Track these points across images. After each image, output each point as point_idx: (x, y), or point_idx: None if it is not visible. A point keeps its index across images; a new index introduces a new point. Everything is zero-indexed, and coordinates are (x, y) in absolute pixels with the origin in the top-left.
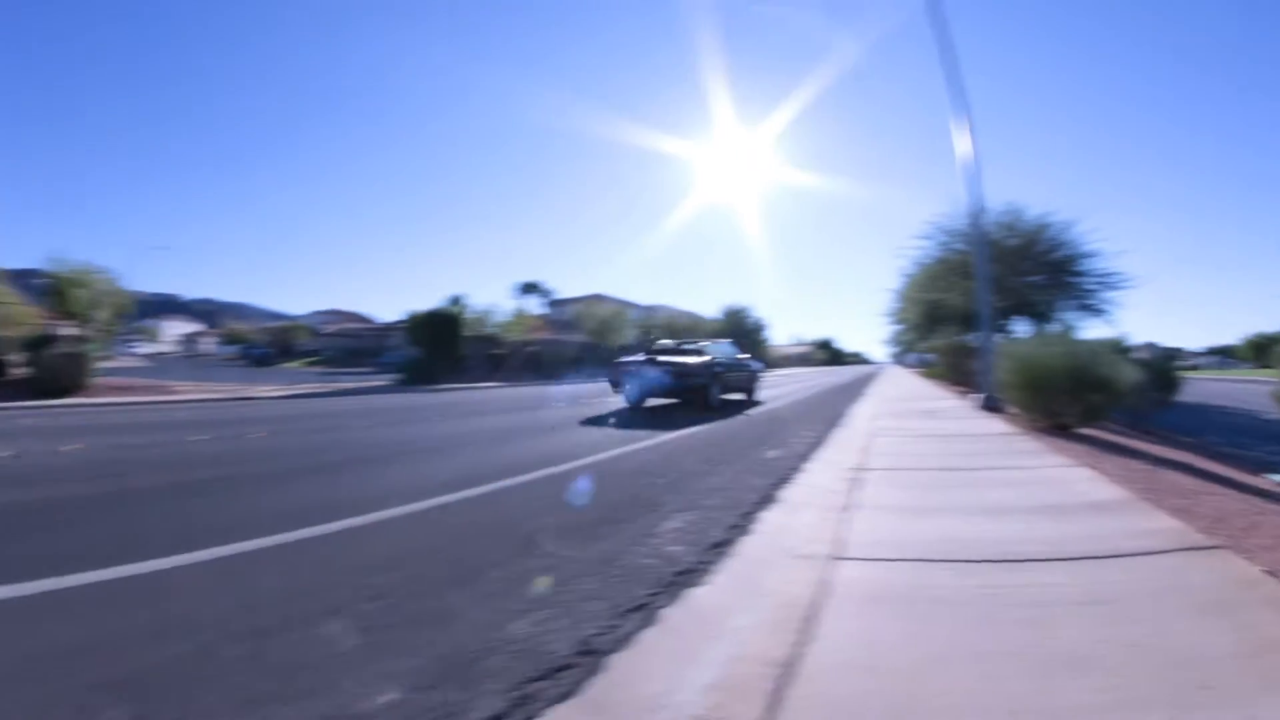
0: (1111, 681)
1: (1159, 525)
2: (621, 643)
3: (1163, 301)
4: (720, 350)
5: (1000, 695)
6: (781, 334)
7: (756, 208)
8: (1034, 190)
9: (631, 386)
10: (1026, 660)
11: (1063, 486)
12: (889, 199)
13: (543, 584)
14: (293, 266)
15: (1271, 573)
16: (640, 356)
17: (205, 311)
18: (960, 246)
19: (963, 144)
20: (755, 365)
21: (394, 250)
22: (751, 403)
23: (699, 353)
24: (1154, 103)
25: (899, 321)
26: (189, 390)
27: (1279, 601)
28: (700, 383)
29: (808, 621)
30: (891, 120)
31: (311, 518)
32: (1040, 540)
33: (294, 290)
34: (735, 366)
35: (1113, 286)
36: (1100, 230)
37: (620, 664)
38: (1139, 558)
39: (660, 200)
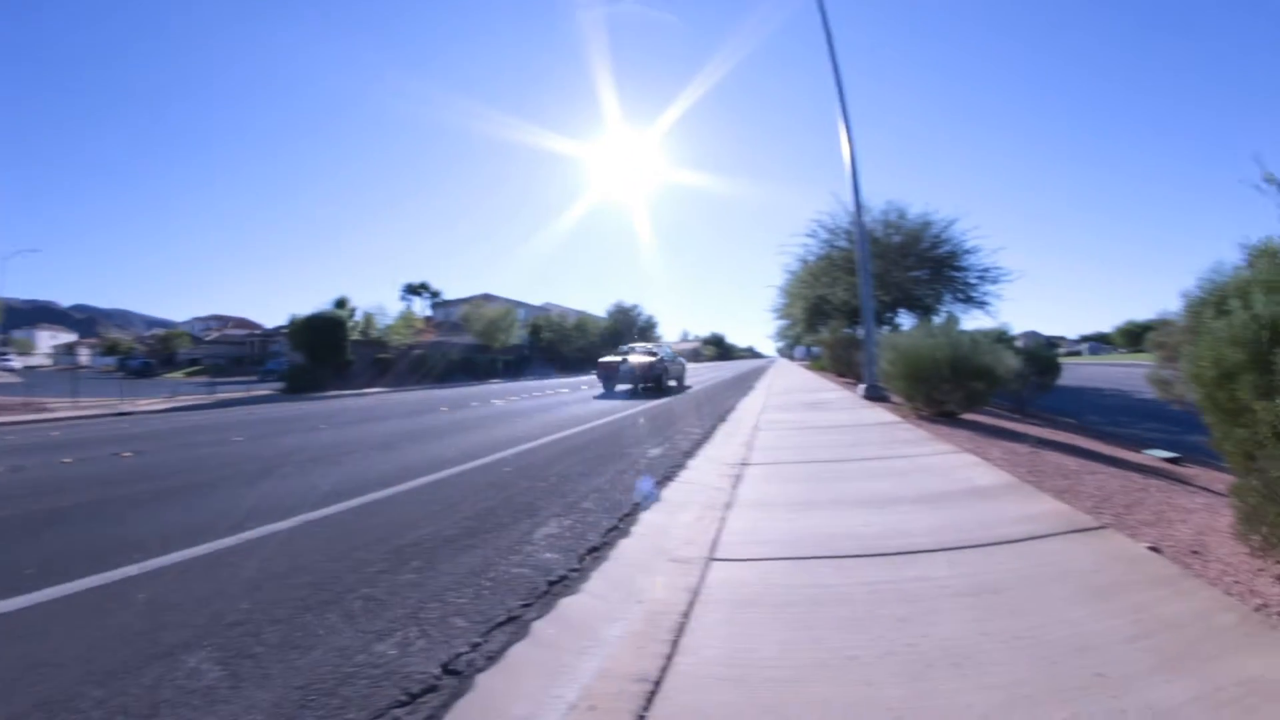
0: (1000, 679)
1: (1043, 508)
2: (491, 660)
3: (1044, 293)
4: (665, 351)
5: (878, 702)
6: (672, 331)
7: (646, 207)
8: (918, 190)
9: (615, 378)
10: (908, 660)
11: (945, 474)
12: (777, 197)
13: (411, 599)
14: (174, 271)
15: (1155, 549)
16: (619, 358)
17: (83, 320)
18: (844, 244)
19: (844, 145)
20: (683, 361)
21: (280, 253)
22: (681, 389)
23: (652, 354)
24: (1034, 104)
25: (785, 316)
26: (63, 407)
27: (1164, 578)
28: (657, 373)
29: (679, 630)
30: (778, 122)
31: (172, 544)
32: (922, 531)
33: (176, 296)
34: (674, 362)
35: (993, 280)
36: (981, 227)
37: (487, 684)
38: (1024, 543)
39: (551, 200)
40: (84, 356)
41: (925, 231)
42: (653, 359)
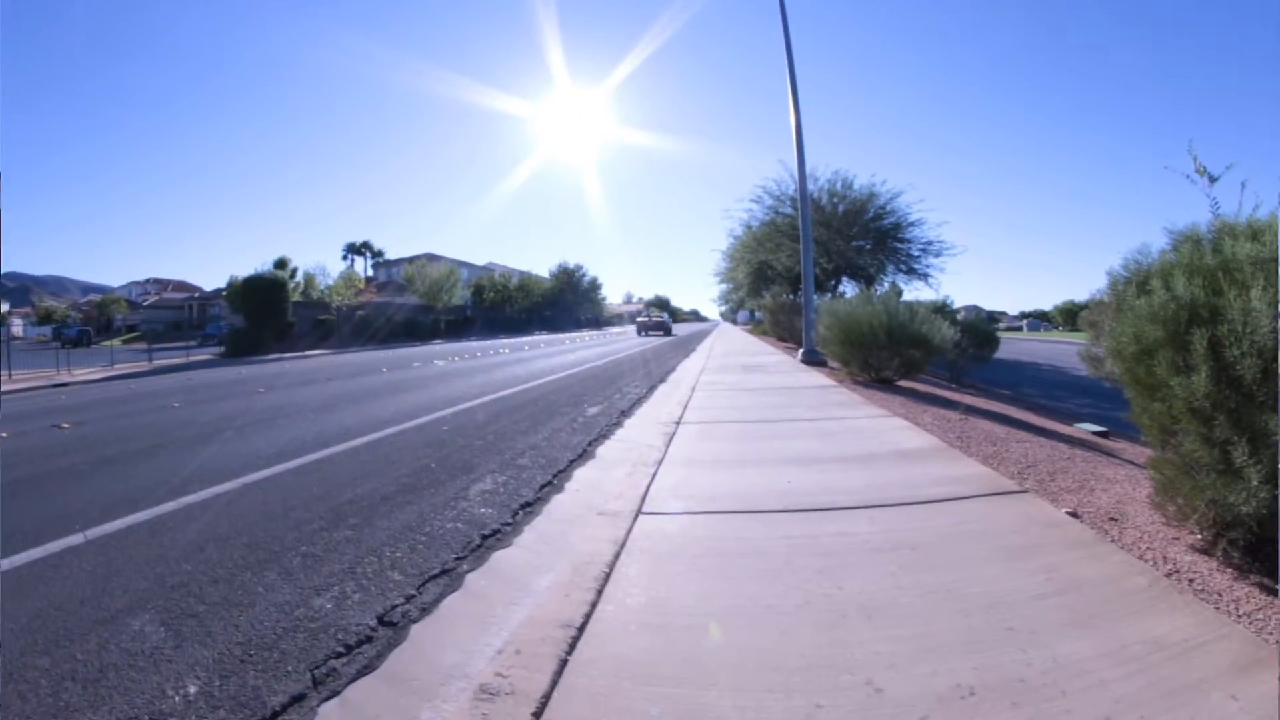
0: (911, 630)
1: (968, 471)
2: (425, 611)
3: (989, 269)
4: (666, 317)
5: (792, 649)
6: (616, 292)
7: (593, 168)
8: (865, 161)
9: (645, 329)
10: (823, 610)
11: (875, 436)
12: (722, 160)
13: (348, 555)
14: (110, 235)
15: (1074, 514)
16: (646, 318)
17: (16, 288)
18: (789, 211)
19: (791, 112)
20: (668, 320)
21: (221, 214)
22: (671, 335)
23: (661, 317)
24: (986, 81)
25: (728, 280)
26: None
27: (1081, 542)
28: (665, 326)
29: (604, 579)
30: (726, 83)
31: (114, 512)
32: (846, 490)
33: (112, 261)
34: (669, 321)
35: (935, 253)
36: (927, 200)
37: (420, 634)
38: (946, 503)
39: (498, 161)
40: (17, 327)
41: (870, 203)
42: (662, 319)
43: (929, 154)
